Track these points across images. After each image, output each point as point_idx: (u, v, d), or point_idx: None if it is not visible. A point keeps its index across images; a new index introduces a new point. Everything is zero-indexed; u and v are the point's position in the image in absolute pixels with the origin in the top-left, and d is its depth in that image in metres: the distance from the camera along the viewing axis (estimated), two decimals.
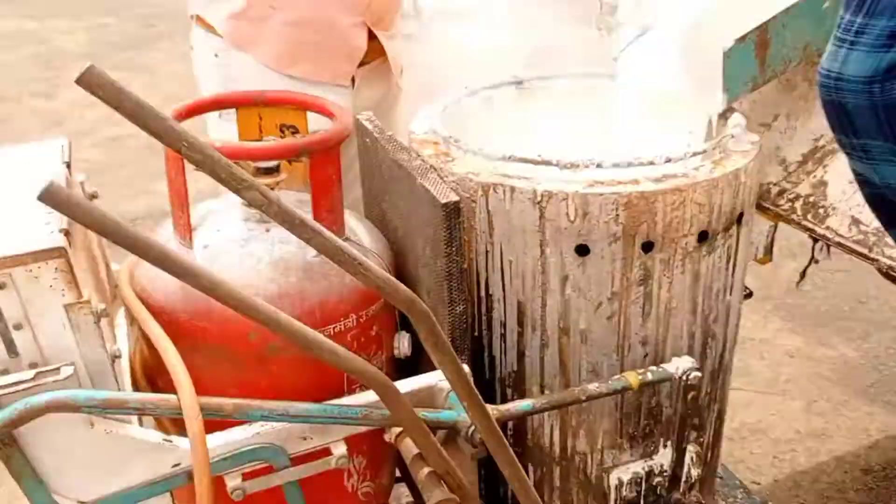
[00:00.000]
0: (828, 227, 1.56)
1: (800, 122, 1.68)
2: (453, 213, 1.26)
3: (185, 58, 2.02)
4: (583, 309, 1.39)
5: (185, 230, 1.30)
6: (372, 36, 1.82)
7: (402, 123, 1.93)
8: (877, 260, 1.46)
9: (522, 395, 1.51)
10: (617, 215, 1.31)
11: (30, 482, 1.15)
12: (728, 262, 1.45)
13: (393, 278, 1.10)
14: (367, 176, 1.64)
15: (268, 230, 1.33)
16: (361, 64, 1.83)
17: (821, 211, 1.59)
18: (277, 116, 1.46)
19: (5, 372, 1.11)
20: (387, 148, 1.46)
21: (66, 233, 1.08)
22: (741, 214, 1.43)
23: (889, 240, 1.45)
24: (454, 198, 1.26)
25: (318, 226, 1.03)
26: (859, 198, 1.54)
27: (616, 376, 1.39)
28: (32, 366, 1.12)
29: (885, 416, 2.68)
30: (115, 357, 1.17)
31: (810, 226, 1.59)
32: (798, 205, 1.63)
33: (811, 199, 1.61)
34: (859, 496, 2.34)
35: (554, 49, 1.93)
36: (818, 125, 1.66)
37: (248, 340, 1.25)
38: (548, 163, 1.34)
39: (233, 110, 1.48)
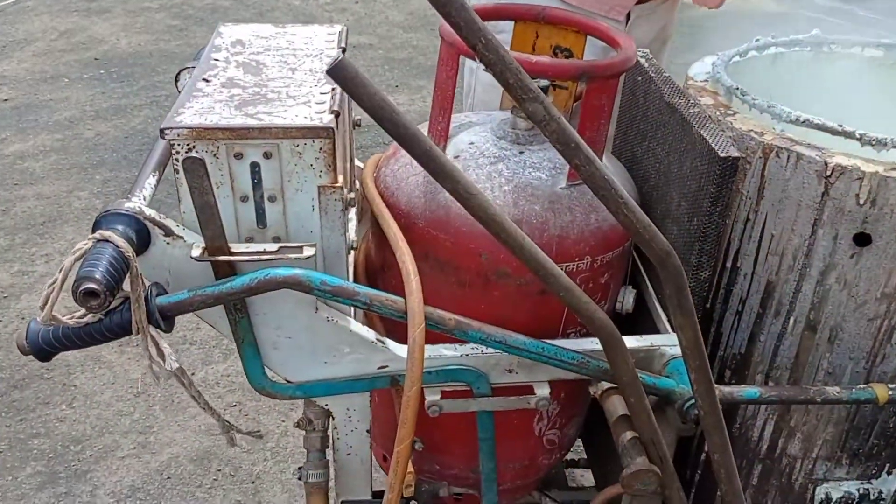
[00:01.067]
0: None
1: None
2: (730, 170, 1.14)
3: None
4: (843, 304, 1.23)
5: (442, 136, 1.26)
6: None
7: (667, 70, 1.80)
8: None
9: (742, 381, 1.38)
10: None
11: (249, 350, 1.19)
12: None
13: (654, 227, 1.00)
14: (628, 116, 1.53)
15: (521, 152, 1.27)
16: (641, 1, 1.70)
17: None
18: (554, 37, 1.37)
19: (250, 240, 1.13)
20: (662, 89, 1.35)
21: (337, 115, 1.07)
22: None
23: None
24: (735, 153, 1.14)
25: (592, 153, 0.95)
26: None
27: (861, 385, 1.23)
28: (276, 239, 1.14)
29: None
30: (351, 248, 1.17)
31: None
32: None
33: None
34: None
35: None
36: None
37: (480, 260, 1.21)
38: (848, 134, 1.17)
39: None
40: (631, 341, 1.23)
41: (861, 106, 1.62)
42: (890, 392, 1.21)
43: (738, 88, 1.31)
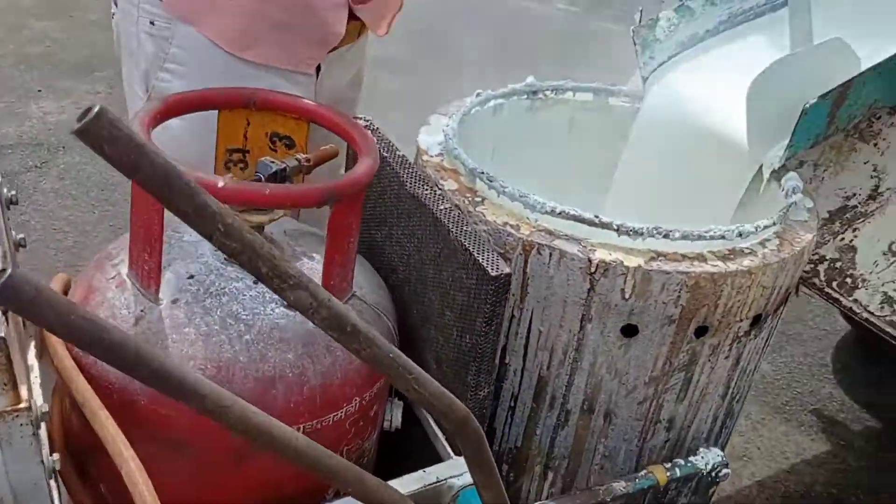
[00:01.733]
0: (856, 301, 1.44)
1: (828, 173, 1.53)
2: (503, 287, 1.02)
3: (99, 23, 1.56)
4: (615, 391, 1.20)
5: (151, 277, 0.98)
6: (350, 16, 1.47)
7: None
8: None
9: (521, 473, 1.31)
10: (678, 297, 1.11)
11: None
12: (766, 341, 1.30)
13: (448, 393, 0.85)
14: None
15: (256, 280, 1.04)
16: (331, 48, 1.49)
17: (848, 280, 1.46)
18: (270, 123, 1.14)
19: None
20: (400, 174, 1.19)
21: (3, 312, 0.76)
22: (789, 292, 1.27)
23: None
24: (506, 269, 1.02)
25: (373, 332, 0.77)
26: (894, 273, 1.42)
27: (642, 472, 1.22)
28: None
29: (798, 436, 2.70)
30: (52, 471, 0.86)
31: (835, 295, 1.46)
32: (822, 268, 1.50)
33: (837, 264, 1.47)
34: None
35: None
36: (849, 181, 1.52)
37: (226, 438, 0.96)
38: (606, 225, 1.11)
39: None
40: (413, 481, 1.08)
41: (577, 149, 1.62)
42: (667, 473, 1.21)
43: (483, 173, 1.19)
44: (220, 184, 0.88)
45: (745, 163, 1.33)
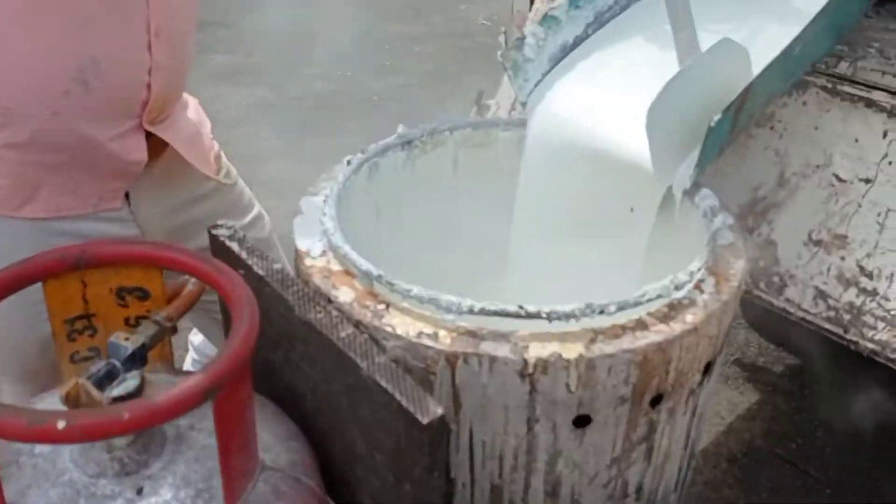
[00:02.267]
0: (787, 300, 1.36)
1: (730, 166, 1.45)
2: (439, 433, 0.86)
3: None
4: (577, 482, 1.07)
5: None
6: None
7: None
8: (856, 343, 1.29)
9: None
10: (628, 376, 0.99)
11: None
12: (717, 377, 1.20)
13: None
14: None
15: (139, 489, 0.84)
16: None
17: (775, 279, 1.38)
18: (113, 278, 0.93)
19: None
20: (283, 296, 1.00)
21: None
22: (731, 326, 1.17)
23: (868, 317, 1.28)
24: (438, 411, 0.86)
25: None
26: (820, 263, 1.35)
27: None
28: None
29: (727, 391, 2.70)
30: None
31: (765, 297, 1.39)
32: None
33: (760, 263, 1.39)
34: (734, 492, 2.33)
35: None
36: (753, 170, 1.44)
37: None
38: (534, 315, 0.97)
39: None
40: None
41: (465, 190, 1.47)
42: None
43: (381, 276, 1.02)
44: (61, 425, 0.68)
45: (652, 186, 1.22)
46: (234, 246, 1.08)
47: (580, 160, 1.29)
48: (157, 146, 1.24)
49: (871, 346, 1.27)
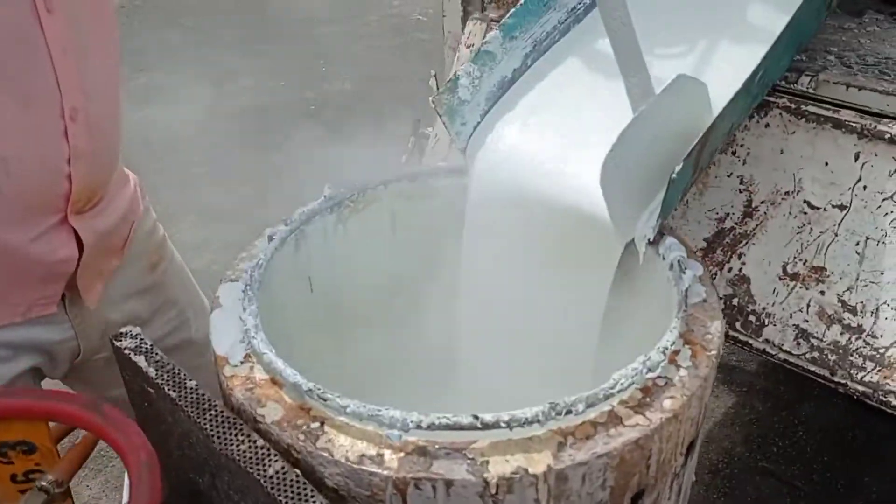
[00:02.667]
0: (767, 341, 1.25)
1: (691, 195, 1.33)
2: None
3: None
4: None
5: None
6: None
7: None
8: (844, 385, 1.18)
9: None
10: (604, 480, 0.87)
11: None
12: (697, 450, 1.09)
13: None
14: (153, 433, 1.00)
15: None
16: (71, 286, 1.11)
17: (752, 319, 1.27)
18: None
19: None
20: (199, 423, 0.85)
21: None
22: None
23: (855, 357, 1.17)
24: None
25: None
26: (799, 300, 1.25)
27: None
28: None
29: None
30: None
31: (743, 338, 1.27)
32: None
33: (734, 301, 1.28)
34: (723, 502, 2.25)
35: None
36: (717, 199, 1.32)
37: None
38: (491, 425, 0.84)
39: None
40: None
41: (405, 246, 1.33)
42: None
43: (312, 390, 0.88)
44: None
45: (610, 239, 1.09)
46: (141, 361, 0.93)
47: (529, 213, 1.16)
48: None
49: (860, 388, 1.16)
